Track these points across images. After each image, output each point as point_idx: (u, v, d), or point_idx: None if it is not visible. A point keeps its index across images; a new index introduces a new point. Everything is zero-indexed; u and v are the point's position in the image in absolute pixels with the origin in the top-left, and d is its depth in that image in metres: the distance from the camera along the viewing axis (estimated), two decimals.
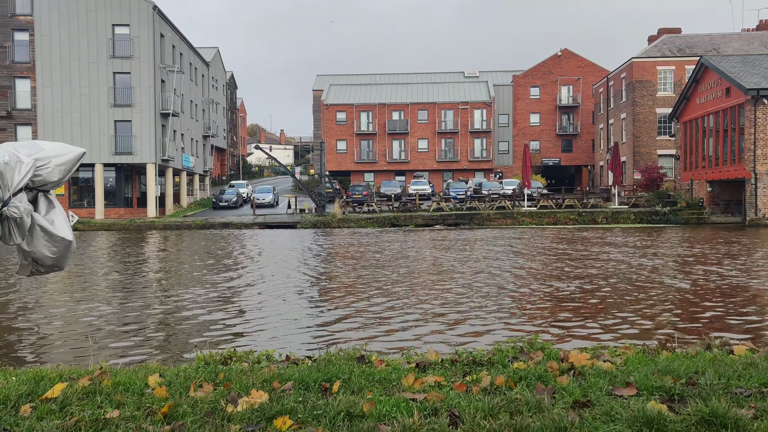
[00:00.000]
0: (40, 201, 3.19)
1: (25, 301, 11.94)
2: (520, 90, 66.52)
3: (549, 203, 39.99)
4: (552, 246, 21.93)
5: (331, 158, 64.46)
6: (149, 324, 9.61)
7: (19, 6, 43.39)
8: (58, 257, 3.20)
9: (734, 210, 34.95)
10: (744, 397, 3.61)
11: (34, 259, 3.18)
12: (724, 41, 49.56)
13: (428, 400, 3.59)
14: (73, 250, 3.28)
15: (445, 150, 65.60)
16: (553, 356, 4.63)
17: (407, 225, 36.67)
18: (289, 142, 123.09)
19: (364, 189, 49.77)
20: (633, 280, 13.24)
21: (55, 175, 3.17)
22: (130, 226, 38.27)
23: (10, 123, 43.72)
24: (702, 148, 37.07)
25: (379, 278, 14.26)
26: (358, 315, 9.98)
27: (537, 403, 3.48)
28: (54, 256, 3.18)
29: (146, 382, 4.04)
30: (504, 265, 16.45)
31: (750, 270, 14.73)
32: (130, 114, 43.71)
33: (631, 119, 48.42)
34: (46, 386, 3.94)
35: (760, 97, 31.35)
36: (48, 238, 3.12)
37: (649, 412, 3.26)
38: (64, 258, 3.25)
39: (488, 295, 11.70)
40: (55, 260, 3.20)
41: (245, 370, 4.39)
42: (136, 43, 43.52)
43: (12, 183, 2.97)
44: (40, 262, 3.19)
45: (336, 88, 68.94)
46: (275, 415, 3.37)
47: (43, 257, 3.16)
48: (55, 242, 3.14)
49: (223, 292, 12.66)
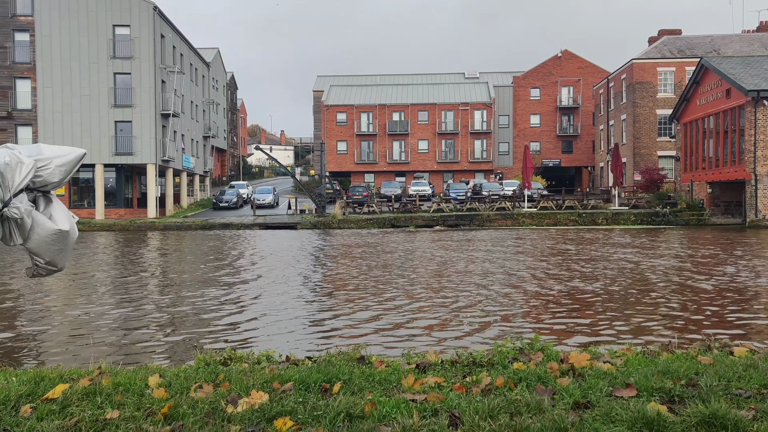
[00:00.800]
0: (39, 202, 3.19)
1: (25, 301, 11.95)
2: (520, 91, 66.53)
3: (549, 204, 39.99)
4: (558, 246, 21.94)
5: (331, 159, 64.46)
6: (149, 324, 9.62)
7: (19, 6, 43.41)
8: (55, 251, 3.19)
9: (734, 211, 34.96)
10: (744, 398, 3.60)
11: (34, 255, 3.18)
12: (724, 42, 49.58)
13: (428, 401, 3.59)
14: (72, 242, 3.27)
15: (445, 151, 65.62)
16: (553, 357, 4.63)
17: (407, 226, 36.67)
18: (289, 143, 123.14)
19: (365, 190, 49.78)
20: (640, 280, 13.23)
21: (55, 176, 3.17)
22: (130, 226, 38.27)
23: (11, 123, 43.74)
24: (702, 149, 37.07)
25: (379, 278, 14.26)
26: (358, 316, 9.98)
27: (537, 404, 3.48)
28: (52, 250, 3.18)
29: (146, 382, 4.05)
30: (510, 266, 16.45)
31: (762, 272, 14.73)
32: (130, 114, 43.71)
33: (632, 120, 48.43)
34: (47, 387, 3.94)
35: (760, 99, 31.35)
36: (46, 232, 3.12)
37: (649, 413, 3.26)
38: (63, 253, 3.24)
39: (489, 296, 11.70)
40: (53, 255, 3.20)
41: (245, 371, 4.39)
42: (136, 44, 43.53)
43: (13, 184, 2.98)
44: (39, 258, 3.19)
45: (336, 88, 68.97)
46: (275, 416, 3.37)
47: (41, 252, 3.16)
48: (53, 235, 3.14)
49: (223, 293, 12.66)
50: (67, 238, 3.21)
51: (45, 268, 3.25)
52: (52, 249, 3.18)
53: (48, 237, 3.13)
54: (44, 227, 3.11)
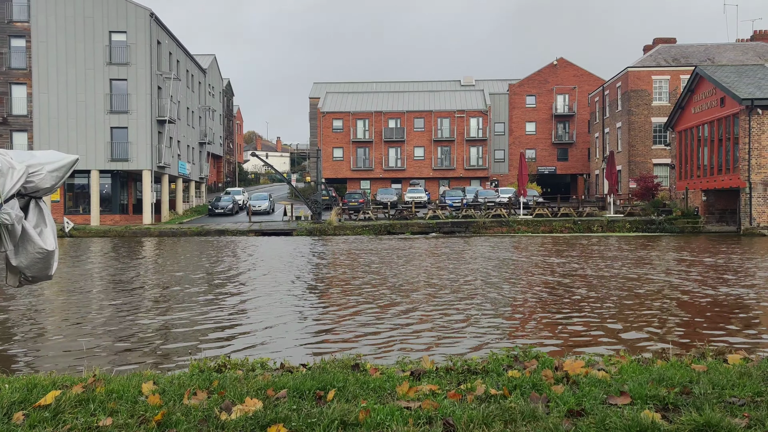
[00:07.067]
0: (30, 208, 3.19)
1: (18, 307, 11.89)
2: (515, 98, 66.73)
3: (545, 212, 40.06)
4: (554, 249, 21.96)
5: (327, 166, 64.48)
6: (143, 331, 9.58)
7: (16, 12, 43.42)
8: (41, 267, 3.20)
9: (729, 219, 35.07)
10: (738, 406, 3.61)
11: (22, 269, 3.18)
12: (718, 51, 49.86)
13: (423, 408, 3.58)
14: (55, 260, 3.28)
15: (441, 158, 65.73)
16: (547, 365, 4.63)
17: (403, 232, 36.67)
18: (285, 150, 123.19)
19: (361, 196, 49.82)
20: (634, 288, 13.25)
21: (47, 182, 3.17)
22: (125, 232, 38.17)
23: (6, 129, 43.67)
24: (697, 157, 37.21)
25: (375, 285, 14.24)
26: (353, 322, 9.96)
27: (531, 412, 3.48)
28: (37, 267, 3.18)
29: (140, 389, 4.03)
30: (503, 273, 16.46)
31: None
32: (126, 121, 43.70)
33: (627, 128, 48.61)
34: (39, 394, 3.92)
35: (754, 107, 31.50)
36: (34, 248, 3.12)
37: (643, 421, 3.27)
38: (48, 268, 3.25)
39: (486, 302, 11.70)
40: (38, 270, 3.21)
41: (240, 378, 4.38)
42: (132, 50, 43.56)
43: (3, 189, 2.97)
44: (25, 272, 3.19)
45: (332, 95, 69.08)
46: (269, 423, 3.36)
47: (26, 267, 3.16)
48: (39, 253, 3.14)
49: (217, 299, 12.62)
50: (51, 258, 3.23)
51: (30, 280, 3.27)
52: (38, 266, 3.19)
53: (35, 254, 3.14)
54: (34, 244, 3.12)
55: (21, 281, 3.31)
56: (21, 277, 3.28)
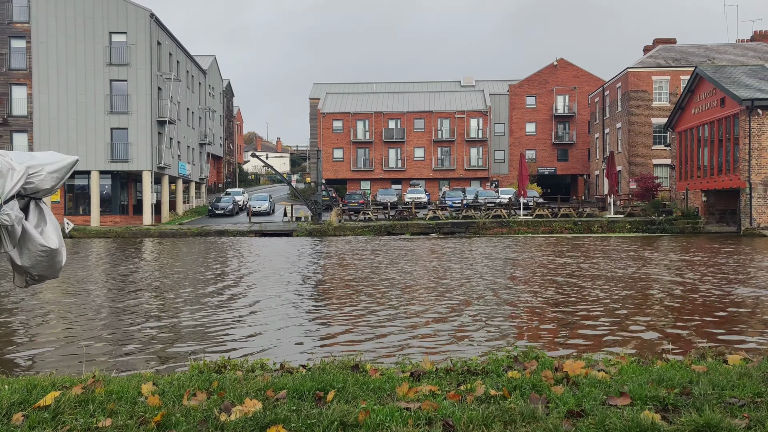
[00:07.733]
0: (30, 209, 3.18)
1: (18, 308, 11.89)
2: (516, 99, 66.73)
3: (545, 212, 40.05)
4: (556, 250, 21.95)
5: (327, 166, 64.47)
6: (143, 332, 9.57)
7: (16, 13, 43.42)
8: (46, 266, 3.19)
9: (729, 219, 35.06)
10: (738, 407, 3.60)
11: (26, 269, 3.17)
12: (718, 52, 49.86)
13: (422, 409, 3.58)
14: (60, 257, 3.27)
15: (441, 159, 65.73)
16: (547, 365, 4.63)
17: (403, 233, 36.67)
18: (285, 150, 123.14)
19: (361, 197, 49.83)
20: (639, 290, 13.25)
21: (47, 183, 3.16)
22: (125, 233, 38.18)
23: (6, 130, 43.67)
24: (697, 157, 37.21)
25: (376, 286, 14.24)
26: (353, 323, 9.96)
27: (531, 413, 3.48)
28: (42, 265, 3.18)
29: (139, 390, 4.02)
30: (506, 273, 16.45)
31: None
32: (126, 121, 43.69)
33: (627, 129, 48.61)
34: (39, 394, 3.91)
35: (754, 108, 31.50)
36: (36, 247, 3.12)
37: (643, 421, 3.26)
38: (53, 266, 3.24)
39: (486, 304, 11.70)
40: (44, 269, 3.20)
41: (239, 379, 4.38)
42: (133, 51, 43.56)
43: (3, 190, 2.96)
44: (31, 270, 3.19)
45: (332, 96, 69.09)
46: (269, 424, 3.36)
47: (31, 267, 3.15)
48: (42, 251, 3.13)
49: (217, 300, 12.62)
50: (56, 256, 3.21)
51: (37, 279, 3.26)
52: (43, 264, 3.18)
53: (38, 253, 3.13)
54: (35, 243, 3.11)
55: (28, 281, 3.30)
56: (27, 277, 3.27)
